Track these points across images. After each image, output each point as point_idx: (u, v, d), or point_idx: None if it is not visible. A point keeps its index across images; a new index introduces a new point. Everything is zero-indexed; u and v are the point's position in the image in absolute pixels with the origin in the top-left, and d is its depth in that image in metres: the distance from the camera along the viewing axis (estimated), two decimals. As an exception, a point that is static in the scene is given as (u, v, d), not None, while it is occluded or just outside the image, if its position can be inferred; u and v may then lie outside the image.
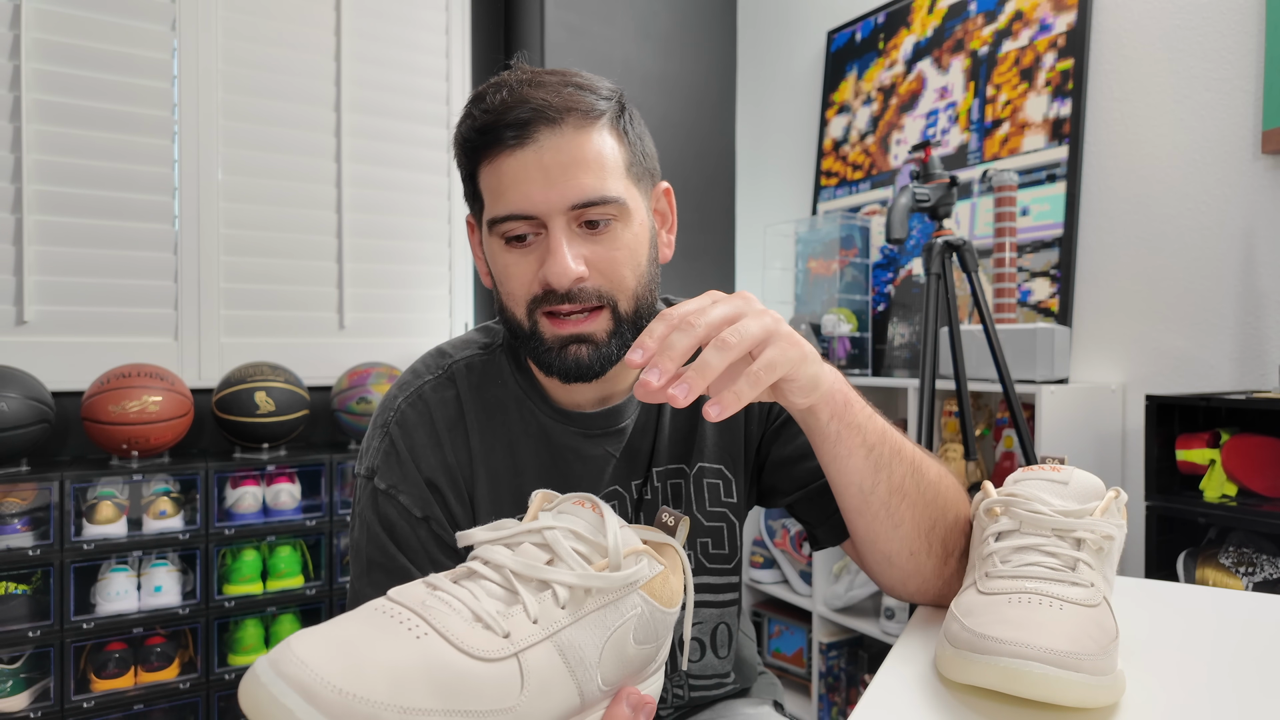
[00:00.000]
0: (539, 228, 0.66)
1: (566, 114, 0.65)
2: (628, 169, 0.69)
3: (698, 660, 0.80)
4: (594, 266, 0.67)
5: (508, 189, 0.66)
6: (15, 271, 1.83)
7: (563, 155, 0.65)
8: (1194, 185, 1.56)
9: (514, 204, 0.66)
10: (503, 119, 0.65)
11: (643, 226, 0.71)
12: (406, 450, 0.72)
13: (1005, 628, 0.47)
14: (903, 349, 2.12)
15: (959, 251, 1.50)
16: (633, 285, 0.69)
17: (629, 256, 0.69)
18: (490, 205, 0.68)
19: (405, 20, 2.34)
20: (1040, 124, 1.82)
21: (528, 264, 0.67)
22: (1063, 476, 0.58)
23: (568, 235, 0.66)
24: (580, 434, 0.76)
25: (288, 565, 1.82)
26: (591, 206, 0.66)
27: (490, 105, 0.67)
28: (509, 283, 0.69)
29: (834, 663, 2.08)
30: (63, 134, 1.88)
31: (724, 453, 0.79)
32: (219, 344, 2.06)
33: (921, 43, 2.14)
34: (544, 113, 0.65)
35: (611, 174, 0.67)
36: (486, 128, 0.66)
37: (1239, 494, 1.29)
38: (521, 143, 0.65)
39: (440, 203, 2.40)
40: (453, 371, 0.77)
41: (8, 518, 1.58)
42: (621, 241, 0.68)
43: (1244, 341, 1.48)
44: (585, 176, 0.65)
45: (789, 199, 2.59)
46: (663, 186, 0.77)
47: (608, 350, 0.68)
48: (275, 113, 2.14)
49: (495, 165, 0.67)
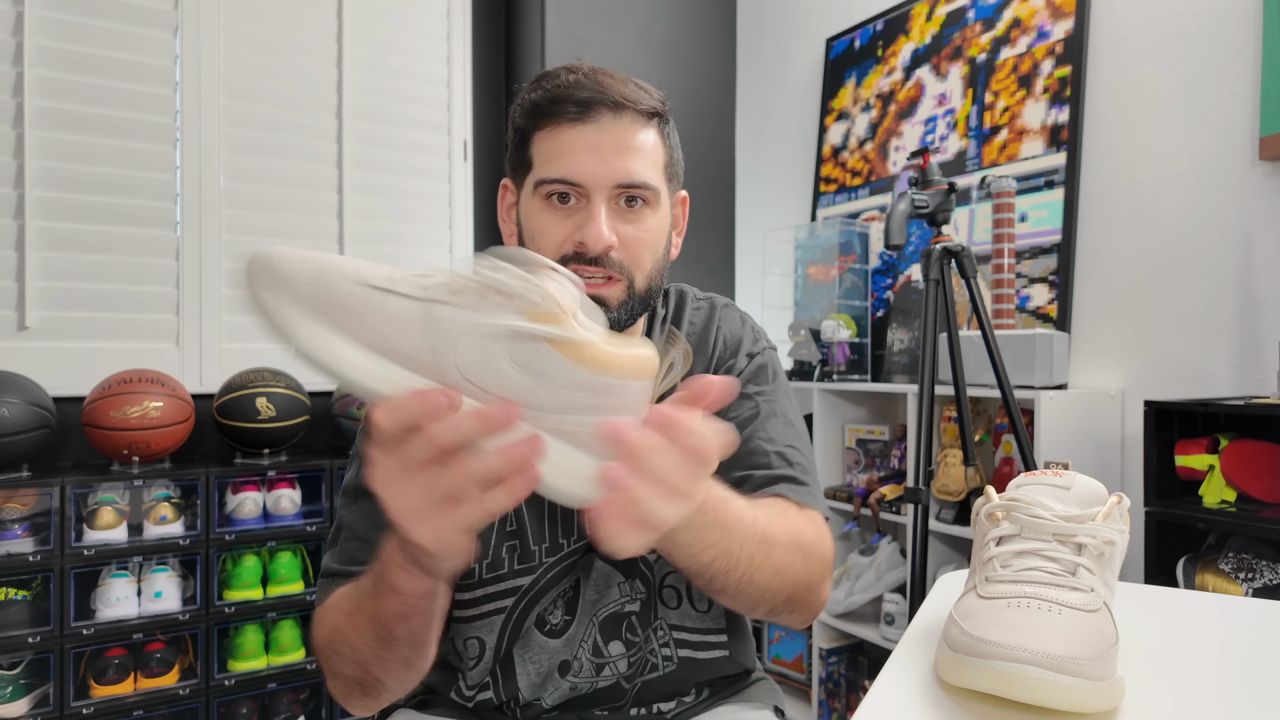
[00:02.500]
0: (582, 195, 0.74)
1: (628, 105, 0.74)
2: (665, 167, 0.78)
3: (676, 608, 0.82)
4: (623, 242, 0.74)
5: (564, 155, 0.73)
6: (17, 277, 1.84)
7: (618, 138, 0.73)
8: (1192, 191, 1.56)
9: (567, 169, 0.73)
10: (572, 94, 0.73)
11: (666, 219, 0.79)
12: None
13: (1004, 632, 0.47)
14: (902, 354, 2.12)
15: (958, 257, 1.50)
16: (649, 266, 0.77)
17: (652, 240, 0.77)
18: (541, 167, 0.75)
19: (407, 27, 2.35)
20: (1038, 130, 1.83)
21: (564, 225, 0.74)
22: (1065, 482, 0.58)
23: (607, 208, 0.74)
24: None
25: (288, 571, 1.82)
26: (633, 188, 0.74)
27: (563, 81, 0.74)
28: (542, 239, 0.75)
29: (834, 668, 2.08)
30: (65, 140, 1.89)
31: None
32: (220, 349, 2.06)
33: (920, 50, 2.15)
34: (609, 97, 0.73)
35: (653, 166, 0.76)
36: (555, 99, 0.74)
37: (1238, 499, 1.29)
38: (584, 118, 0.73)
39: (441, 209, 2.41)
40: None
41: (8, 523, 1.58)
42: (648, 226, 0.76)
43: (1242, 347, 1.48)
44: (633, 161, 0.74)
45: (788, 205, 2.59)
46: (682, 194, 0.85)
47: (616, 317, 0.75)
48: (277, 119, 2.15)
49: (555, 133, 0.74)
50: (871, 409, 2.20)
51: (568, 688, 0.80)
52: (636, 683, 0.80)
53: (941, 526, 1.73)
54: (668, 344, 0.84)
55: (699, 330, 0.87)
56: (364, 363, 0.46)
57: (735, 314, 0.90)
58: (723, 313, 0.89)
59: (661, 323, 0.88)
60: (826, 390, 2.13)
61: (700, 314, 0.89)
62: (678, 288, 0.92)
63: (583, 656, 0.79)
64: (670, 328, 0.86)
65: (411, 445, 0.45)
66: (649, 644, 0.81)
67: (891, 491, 1.95)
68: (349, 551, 0.76)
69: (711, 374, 0.79)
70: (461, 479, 0.45)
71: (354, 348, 0.46)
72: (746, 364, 0.86)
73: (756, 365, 0.86)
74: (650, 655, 0.81)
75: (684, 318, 0.88)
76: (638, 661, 0.81)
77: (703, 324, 0.88)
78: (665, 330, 0.87)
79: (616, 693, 0.80)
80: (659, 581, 0.82)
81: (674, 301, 0.90)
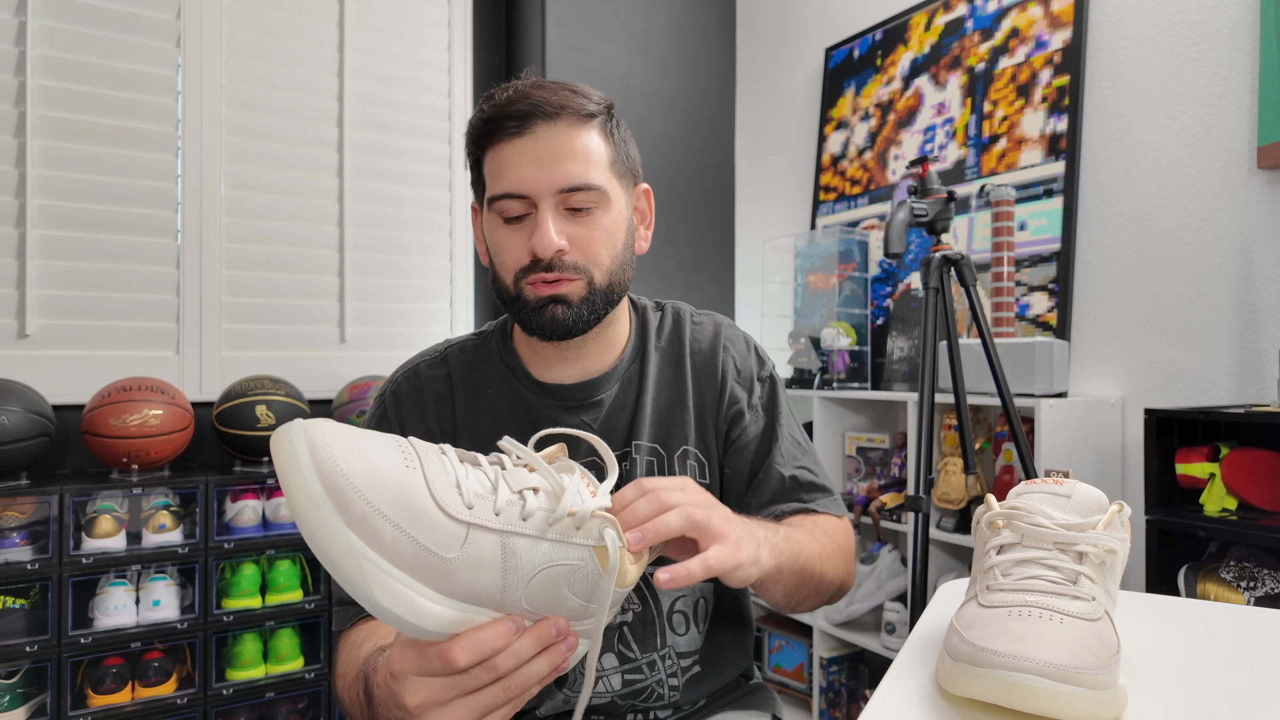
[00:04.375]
0: (530, 207, 0.76)
1: (561, 111, 0.75)
2: (611, 165, 0.79)
3: (684, 634, 0.83)
4: (575, 243, 0.76)
5: (506, 170, 0.76)
6: (18, 285, 1.84)
7: (555, 146, 0.75)
8: (1190, 200, 1.57)
9: (510, 184, 0.75)
10: (507, 111, 0.75)
11: (621, 216, 0.80)
12: (395, 415, 0.84)
13: (1005, 641, 0.47)
14: (902, 363, 2.12)
15: (957, 266, 1.51)
16: (607, 263, 0.79)
17: (606, 238, 0.78)
18: (490, 185, 0.78)
19: (407, 37, 2.36)
20: (1037, 139, 1.83)
21: (519, 239, 0.77)
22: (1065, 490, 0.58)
23: (554, 214, 0.75)
24: (559, 406, 0.84)
25: (287, 579, 1.82)
26: (576, 192, 0.75)
27: (498, 101, 0.77)
28: (502, 254, 0.79)
29: (835, 677, 2.07)
30: (67, 149, 1.89)
31: (700, 440, 0.86)
32: (220, 357, 2.06)
33: (919, 59, 2.16)
34: (542, 108, 0.75)
35: (596, 166, 0.77)
36: (493, 118, 0.76)
37: (1239, 508, 1.29)
38: (520, 132, 0.75)
39: (442, 217, 2.41)
40: (447, 354, 0.88)
41: (7, 531, 1.58)
42: (600, 225, 0.78)
43: (1242, 355, 1.48)
44: (572, 165, 0.75)
45: (788, 214, 2.60)
46: (643, 187, 0.86)
47: (579, 312, 0.77)
48: (278, 128, 2.16)
49: (497, 151, 0.77)
50: (871, 417, 2.20)
51: (561, 699, 0.80)
52: (637, 706, 0.80)
53: (942, 535, 1.73)
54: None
55: (705, 349, 0.88)
56: (443, 612, 0.45)
57: (739, 335, 0.92)
58: (727, 333, 0.90)
59: (657, 335, 0.89)
60: (826, 398, 2.13)
61: (704, 331, 0.90)
62: (673, 304, 0.93)
63: (577, 669, 0.79)
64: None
65: (472, 674, 0.46)
66: (655, 672, 0.81)
67: (892, 500, 1.94)
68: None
69: (723, 399, 0.87)
70: (509, 692, 0.48)
71: (434, 597, 0.45)
72: (761, 390, 0.89)
73: (769, 391, 0.89)
74: (656, 685, 0.81)
75: (685, 334, 0.89)
76: (644, 690, 0.80)
77: (709, 343, 0.89)
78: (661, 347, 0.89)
79: (611, 709, 0.80)
80: (668, 607, 0.82)
81: (670, 317, 0.91)
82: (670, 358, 0.88)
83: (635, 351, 0.87)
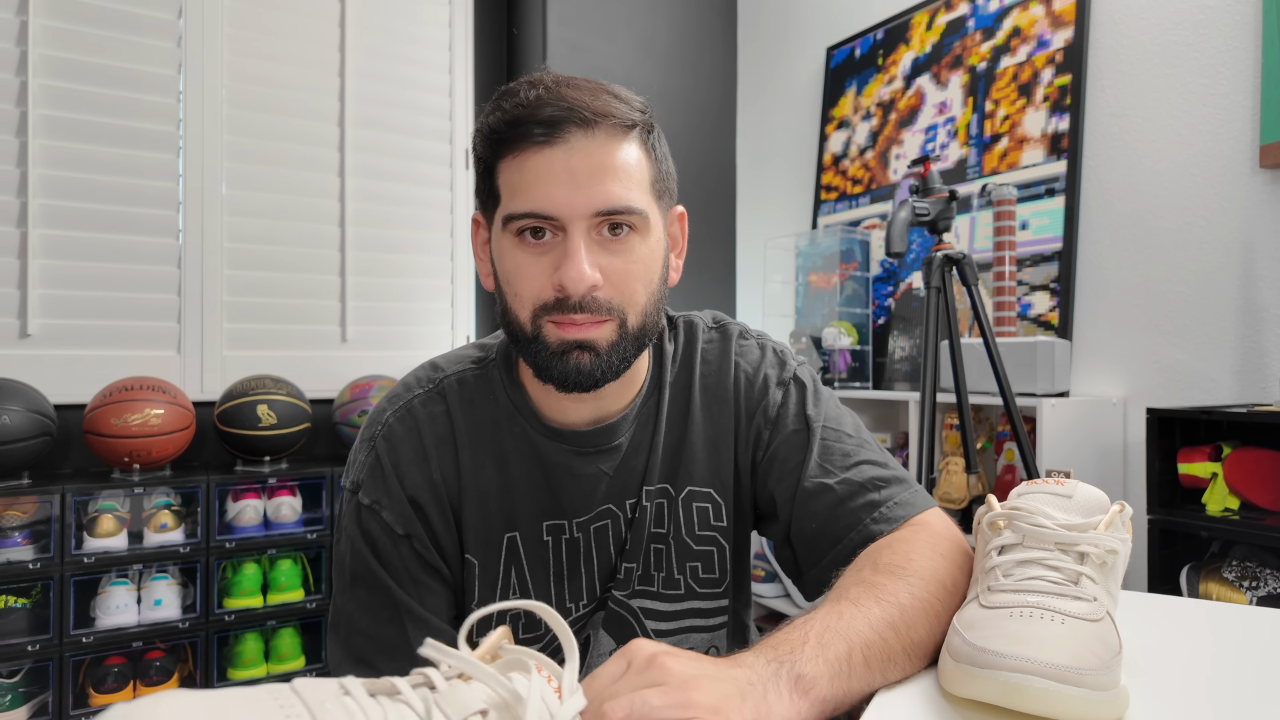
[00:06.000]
0: (558, 229, 0.64)
1: (601, 119, 0.63)
2: (652, 184, 0.68)
3: None
4: (608, 277, 0.65)
5: (531, 186, 0.63)
6: (20, 285, 1.84)
7: (593, 160, 0.63)
8: (1192, 199, 1.57)
9: (535, 202, 0.63)
10: (535, 114, 0.63)
11: (659, 243, 0.69)
12: (391, 466, 0.72)
13: (1006, 641, 0.47)
14: (903, 362, 2.12)
15: (959, 265, 1.50)
16: (643, 301, 0.67)
17: (643, 271, 0.67)
18: (508, 201, 0.65)
19: (409, 37, 2.36)
20: (1039, 139, 1.83)
21: (540, 265, 0.64)
22: (1067, 490, 0.58)
23: (586, 241, 0.64)
24: (573, 451, 0.74)
25: (288, 579, 1.82)
26: (615, 214, 0.64)
27: (523, 100, 0.64)
28: (518, 283, 0.66)
29: (836, 678, 2.06)
30: (68, 149, 1.90)
31: (714, 476, 0.77)
32: (221, 357, 2.07)
33: (920, 59, 2.16)
34: (579, 113, 0.63)
35: (637, 185, 0.65)
36: (517, 120, 0.63)
37: (1241, 507, 1.29)
38: (551, 141, 0.63)
39: (443, 217, 2.41)
40: (444, 387, 0.75)
41: (8, 531, 1.58)
42: (637, 255, 0.66)
43: (1244, 355, 1.48)
44: (613, 184, 0.63)
45: (789, 213, 2.60)
46: (678, 210, 0.75)
47: (609, 360, 0.66)
48: (279, 128, 2.16)
49: (520, 160, 0.64)
50: (873, 417, 2.20)
51: None
52: None
53: (943, 535, 1.72)
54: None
55: (714, 373, 0.79)
56: None
57: (752, 342, 0.81)
58: (738, 345, 0.80)
59: (672, 361, 0.79)
60: (828, 398, 2.13)
61: (713, 350, 0.80)
62: (687, 319, 0.82)
63: None
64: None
65: None
66: None
67: (893, 499, 1.94)
68: (355, 648, 0.71)
69: (739, 422, 0.77)
70: None
71: None
72: (782, 397, 0.77)
73: (796, 394, 0.77)
74: None
75: (695, 356, 0.79)
76: None
77: (717, 363, 0.79)
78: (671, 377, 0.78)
79: None
80: None
81: (683, 337, 0.81)
82: (681, 385, 0.78)
83: (653, 384, 0.77)
